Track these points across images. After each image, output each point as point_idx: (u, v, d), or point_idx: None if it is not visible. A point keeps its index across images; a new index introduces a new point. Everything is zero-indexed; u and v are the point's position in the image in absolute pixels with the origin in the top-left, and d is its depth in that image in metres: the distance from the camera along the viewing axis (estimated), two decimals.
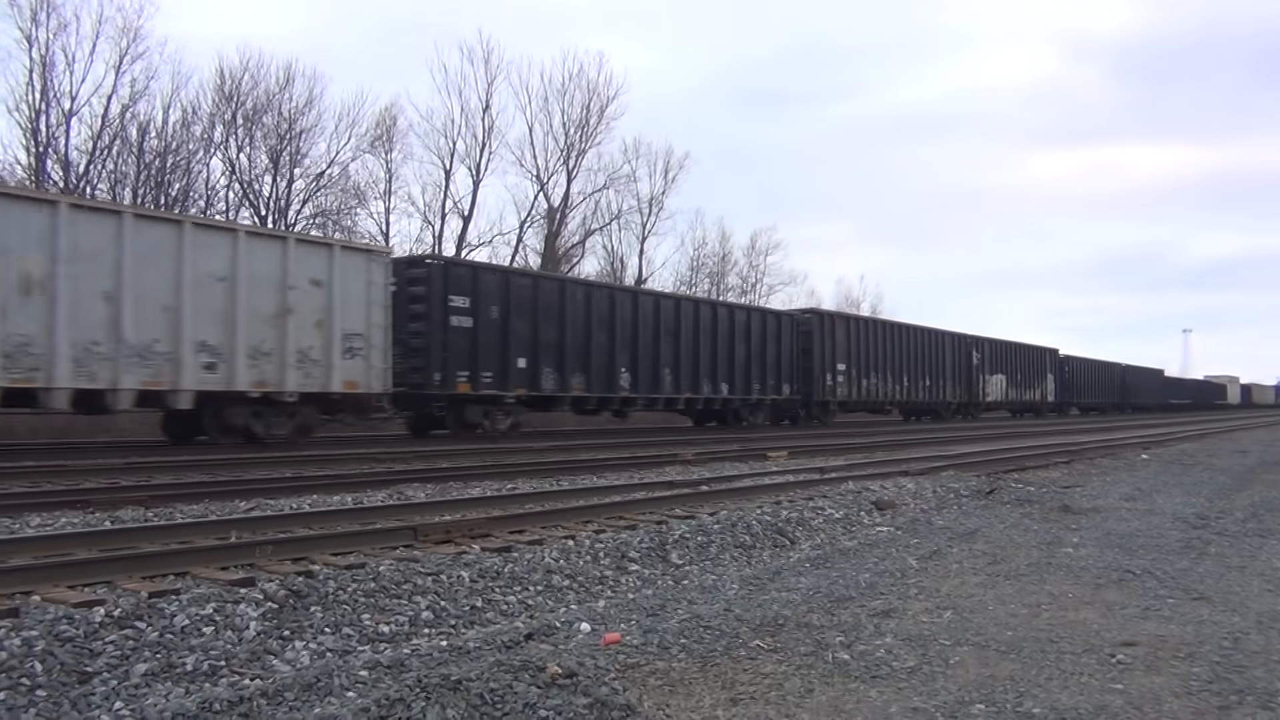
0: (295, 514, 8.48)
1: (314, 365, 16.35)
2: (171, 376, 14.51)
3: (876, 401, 33.74)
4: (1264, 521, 10.03)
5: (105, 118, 31.94)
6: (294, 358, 16.02)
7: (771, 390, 28.48)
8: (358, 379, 17.06)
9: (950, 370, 38.29)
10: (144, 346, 14.22)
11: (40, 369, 13.11)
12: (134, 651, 4.55)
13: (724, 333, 26.49)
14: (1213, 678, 4.53)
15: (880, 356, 33.41)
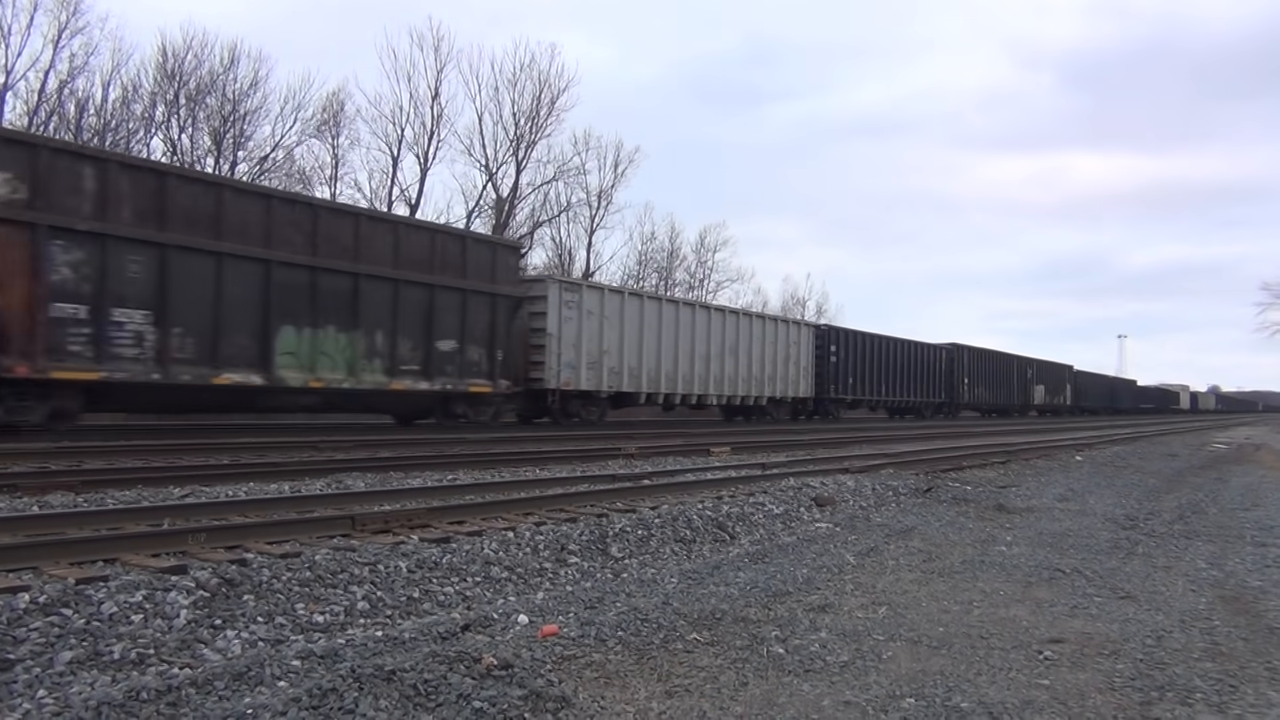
0: (231, 501, 8.36)
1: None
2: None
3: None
4: (1190, 523, 10.31)
5: (42, 93, 31.26)
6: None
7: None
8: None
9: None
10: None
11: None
12: (59, 639, 4.45)
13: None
14: (1136, 674, 4.65)
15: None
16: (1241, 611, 6.17)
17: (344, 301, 17.76)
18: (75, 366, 13.99)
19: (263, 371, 16.46)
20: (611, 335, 24.27)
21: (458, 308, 19.97)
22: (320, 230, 17.34)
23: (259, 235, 16.31)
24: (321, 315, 17.34)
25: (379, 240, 18.48)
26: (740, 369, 29.69)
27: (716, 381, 28.54)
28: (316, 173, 38.83)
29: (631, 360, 24.99)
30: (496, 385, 20.88)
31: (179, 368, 15.18)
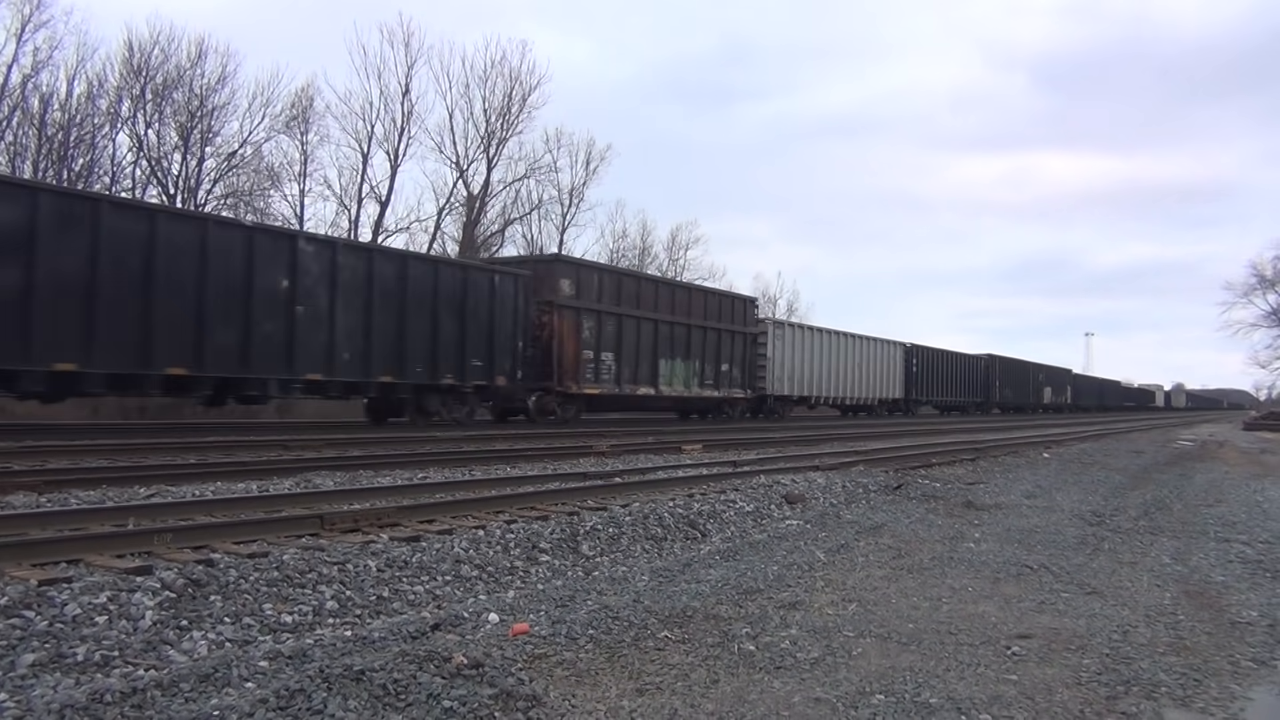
0: (197, 501, 8.27)
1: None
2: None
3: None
4: (1155, 520, 10.44)
5: (4, 87, 30.76)
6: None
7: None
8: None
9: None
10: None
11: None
12: (21, 641, 4.38)
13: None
14: (1101, 669, 4.70)
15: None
16: (1205, 606, 6.26)
17: (683, 343, 28.42)
18: (588, 385, 24.62)
19: (653, 386, 27.08)
20: (796, 358, 34.48)
21: (729, 344, 30.49)
22: (676, 299, 28.63)
23: (651, 305, 27.12)
24: (676, 352, 28.12)
25: (695, 303, 29.53)
26: (861, 377, 39.62)
27: (848, 386, 38.52)
28: (285, 169, 38.54)
29: (805, 373, 35.09)
30: (746, 392, 31.43)
31: (626, 385, 26.00)
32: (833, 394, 37.40)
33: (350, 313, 18.47)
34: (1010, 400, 60.54)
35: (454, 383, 20.86)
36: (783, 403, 34.15)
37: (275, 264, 17.19)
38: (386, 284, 19.23)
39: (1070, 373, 78.88)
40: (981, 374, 55.49)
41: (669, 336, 27.57)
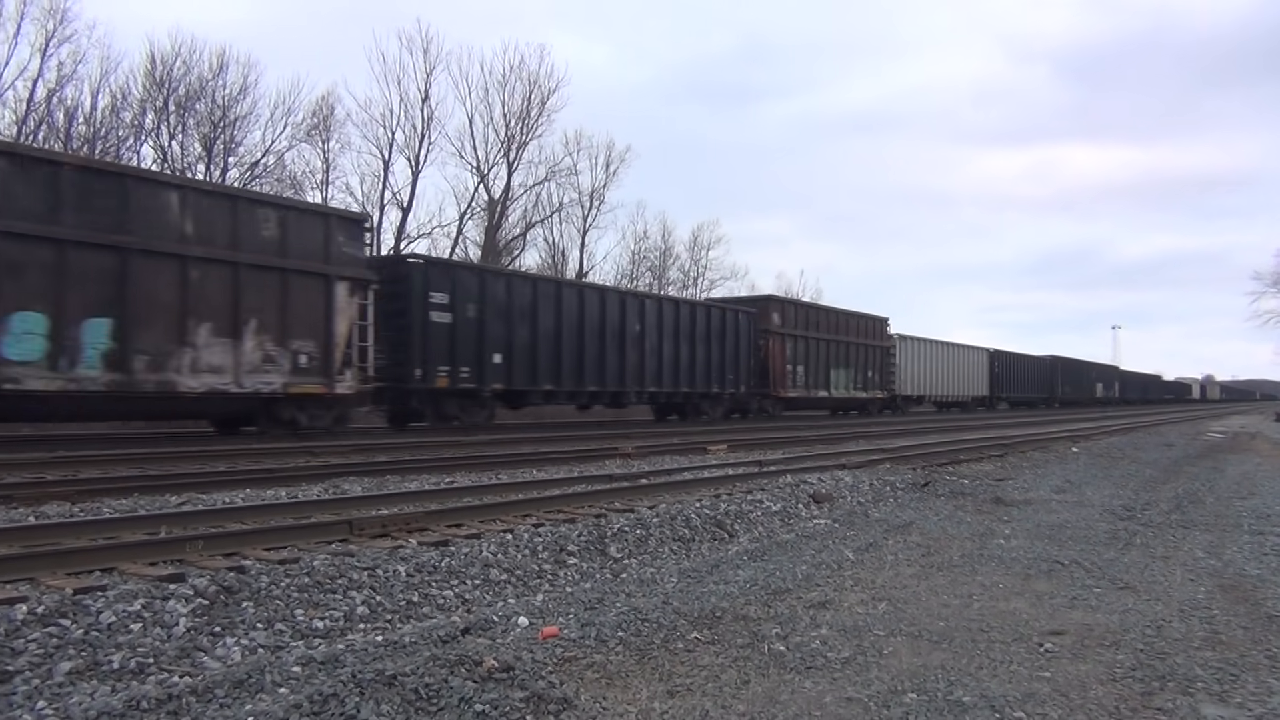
0: (228, 509, 8.33)
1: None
2: None
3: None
4: (1187, 513, 10.33)
5: (30, 102, 31.16)
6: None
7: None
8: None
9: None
10: None
11: None
12: (58, 649, 4.44)
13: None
14: (1136, 665, 4.66)
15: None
16: (1240, 600, 6.18)
17: (843, 355, 36.14)
18: (790, 391, 32.45)
19: (827, 390, 34.91)
20: (914, 364, 42.67)
21: (872, 355, 38.38)
22: (838, 322, 36.27)
23: (823, 328, 35.07)
24: (839, 363, 35.87)
25: (851, 324, 37.02)
26: (958, 378, 47.74)
27: (949, 386, 46.59)
28: (307, 178, 38.79)
29: (920, 377, 43.31)
30: (882, 393, 39.36)
31: (810, 391, 33.69)
32: (939, 393, 45.78)
33: (666, 345, 27.08)
34: (1070, 395, 68.21)
35: (717, 391, 29.47)
36: (906, 400, 42.55)
37: (632, 315, 25.92)
38: (682, 324, 27.80)
39: (1118, 369, 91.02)
40: (1047, 373, 63.92)
41: (835, 352, 35.76)
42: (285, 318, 16.79)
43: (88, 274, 14.07)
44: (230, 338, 15.95)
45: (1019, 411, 51.27)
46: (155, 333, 14.92)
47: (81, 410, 15.20)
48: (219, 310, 15.80)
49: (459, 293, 20.68)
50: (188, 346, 15.35)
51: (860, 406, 38.78)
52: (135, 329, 14.61)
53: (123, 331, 14.45)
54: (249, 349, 16.25)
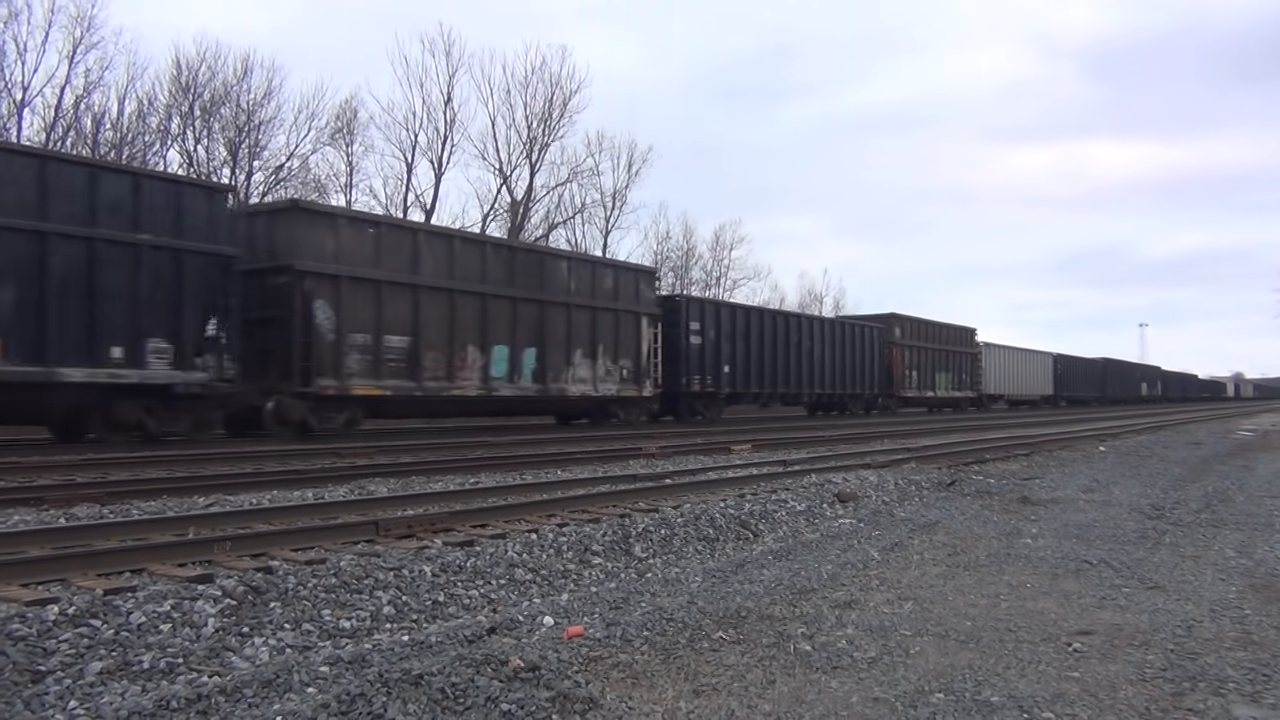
0: (255, 510, 8.40)
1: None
2: None
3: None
4: (1217, 512, 10.22)
5: (58, 109, 31.55)
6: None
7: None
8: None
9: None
10: None
11: None
12: (89, 650, 4.48)
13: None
14: (1167, 665, 4.61)
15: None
16: (1273, 600, 6.11)
17: (945, 360, 43.08)
18: (907, 392, 39.87)
19: (933, 390, 41.01)
20: (996, 367, 49.66)
21: (966, 360, 45.78)
22: (941, 332, 43.51)
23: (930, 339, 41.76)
24: (942, 367, 42.87)
25: (950, 334, 44.35)
26: (1029, 379, 55.01)
27: (1021, 386, 53.75)
28: (331, 181, 39.05)
29: (1000, 378, 50.27)
30: (972, 393, 46.32)
31: (921, 391, 40.11)
32: (1013, 392, 52.74)
33: (825, 356, 34.27)
34: (1118, 393, 74.68)
35: (856, 391, 36.50)
36: (990, 398, 49.24)
37: (805, 334, 33.35)
38: (833, 339, 35.14)
39: (1160, 369, 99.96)
40: (1100, 374, 71.93)
41: (939, 358, 43.13)
42: (617, 344, 24.29)
43: (526, 320, 21.83)
44: (590, 359, 23.57)
45: (1044, 410, 53.26)
46: (556, 357, 22.66)
47: (518, 409, 23.82)
48: (584, 340, 23.42)
49: (706, 321, 28.03)
50: (570, 365, 23.06)
51: (955, 404, 45.65)
52: (547, 354, 22.36)
53: (542, 356, 22.22)
54: (600, 366, 23.80)
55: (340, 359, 17.98)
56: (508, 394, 21.48)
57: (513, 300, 21.44)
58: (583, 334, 23.33)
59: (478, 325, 20.60)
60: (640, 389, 25.06)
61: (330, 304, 17.78)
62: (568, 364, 22.90)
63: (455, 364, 20.12)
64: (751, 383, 30.24)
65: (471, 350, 20.51)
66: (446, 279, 19.96)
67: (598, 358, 23.70)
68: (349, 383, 18.15)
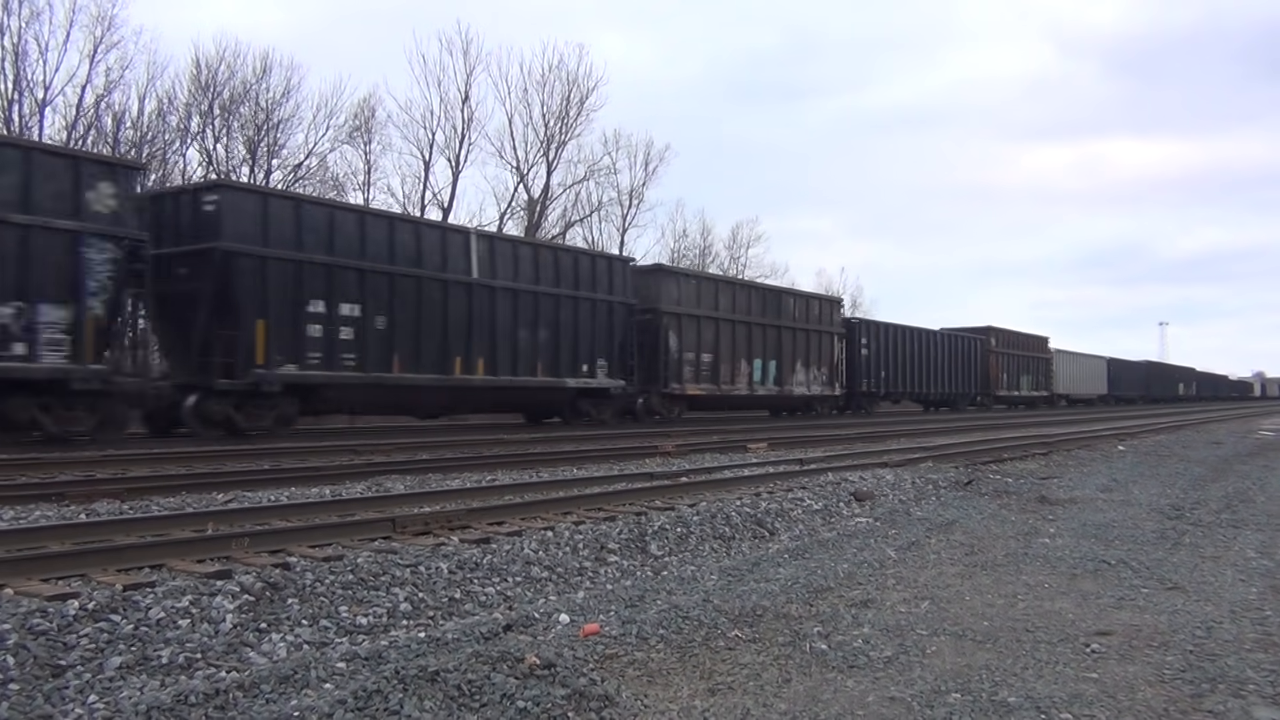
0: (273, 506, 8.44)
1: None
2: None
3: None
4: (1237, 512, 10.14)
5: (79, 107, 31.67)
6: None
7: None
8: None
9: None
10: None
11: None
12: (109, 645, 4.52)
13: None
14: (1186, 666, 4.58)
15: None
16: None
17: (1029, 365, 52.08)
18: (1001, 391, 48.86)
19: (1018, 391, 49.78)
20: (1062, 370, 56.48)
21: (1042, 363, 52.84)
22: (1025, 341, 52.54)
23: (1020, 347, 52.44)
24: (1026, 371, 51.55)
25: (1030, 343, 52.87)
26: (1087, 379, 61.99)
27: (1080, 385, 60.40)
28: (350, 179, 39.15)
29: (1065, 379, 57.33)
30: (1045, 392, 52.34)
31: (1010, 390, 49.82)
32: (1076, 392, 59.24)
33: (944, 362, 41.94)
34: (1159, 393, 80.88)
35: (963, 391, 44.23)
36: (1059, 397, 56.20)
37: (933, 345, 40.88)
38: (948, 348, 42.76)
39: (1194, 370, 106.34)
40: (1143, 375, 78.66)
41: (1023, 363, 51.69)
42: (820, 357, 32.54)
43: (770, 340, 30.07)
44: (805, 367, 31.62)
45: (1066, 410, 54.91)
46: (786, 367, 30.65)
47: (766, 405, 32.09)
48: (802, 354, 31.54)
49: (870, 337, 36.27)
50: (794, 373, 31.09)
51: (1031, 402, 52.43)
52: (782, 365, 30.43)
53: (779, 366, 30.27)
54: (810, 373, 31.90)
55: (681, 369, 25.88)
56: (762, 394, 29.74)
57: (763, 326, 29.63)
58: (801, 350, 31.57)
59: (746, 345, 28.70)
60: (833, 390, 33.70)
61: (677, 333, 25.66)
62: (793, 371, 31.08)
63: (736, 373, 28.18)
64: (896, 385, 38.46)
65: (743, 363, 28.47)
66: (730, 313, 28.03)
67: (809, 367, 32.06)
68: (685, 386, 26.12)
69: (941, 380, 42.05)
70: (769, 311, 30.37)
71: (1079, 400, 60.01)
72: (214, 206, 16.60)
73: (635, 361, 24.20)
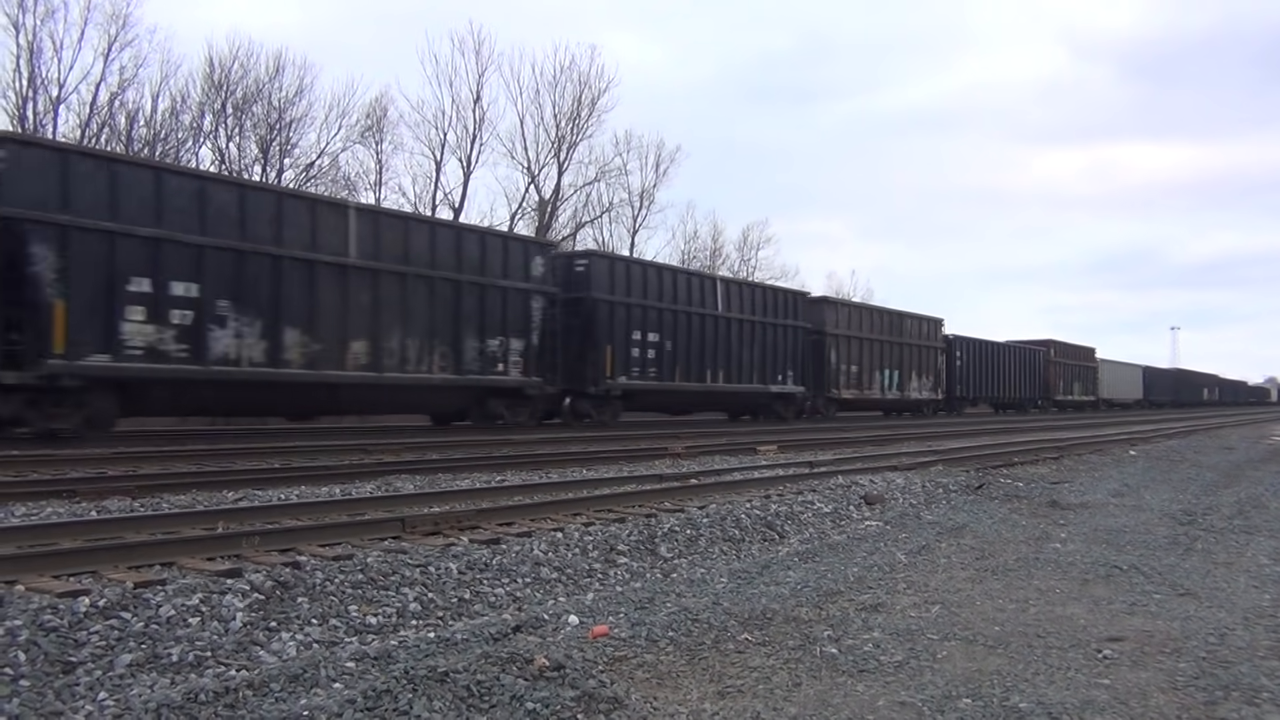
0: (283, 505, 8.45)
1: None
2: None
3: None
4: (1250, 518, 10.08)
5: (93, 105, 31.80)
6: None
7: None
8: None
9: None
10: None
11: None
12: (119, 642, 4.52)
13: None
14: (1199, 673, 4.55)
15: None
16: None
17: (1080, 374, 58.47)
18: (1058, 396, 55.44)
19: (1071, 395, 57.46)
20: (1105, 377, 62.21)
21: (1090, 371, 59.58)
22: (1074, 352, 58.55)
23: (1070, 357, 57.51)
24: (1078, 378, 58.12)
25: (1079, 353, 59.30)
26: (1127, 386, 67.85)
27: (1120, 391, 65.95)
28: (361, 179, 39.23)
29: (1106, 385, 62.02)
30: (1091, 397, 58.53)
31: (1064, 395, 56.51)
32: (1115, 396, 64.23)
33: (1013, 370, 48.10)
34: (1187, 398, 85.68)
35: (1029, 396, 50.24)
36: (1104, 402, 61.47)
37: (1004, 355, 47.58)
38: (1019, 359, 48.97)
39: (1217, 377, 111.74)
40: (1172, 381, 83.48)
41: (1074, 371, 56.93)
42: (927, 366, 38.80)
43: (896, 354, 36.44)
44: (918, 376, 37.88)
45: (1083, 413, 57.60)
46: (905, 375, 36.81)
47: (892, 408, 37.65)
48: (914, 364, 37.67)
49: (963, 350, 42.89)
50: (909, 380, 37.07)
51: (1080, 406, 57.62)
52: (902, 374, 36.57)
53: (900, 375, 36.40)
54: (920, 380, 37.99)
55: (838, 378, 32.56)
56: (890, 397, 36.17)
57: (889, 343, 35.89)
58: (915, 361, 37.76)
59: (878, 358, 35.12)
60: (936, 395, 40.10)
61: (835, 350, 32.52)
62: (909, 379, 37.32)
63: (873, 380, 34.74)
64: (979, 390, 45.27)
65: (876, 373, 34.93)
66: (869, 333, 34.79)
67: (920, 376, 38.38)
68: (842, 392, 32.75)
69: (1012, 386, 48.72)
70: (893, 330, 36.74)
71: (1118, 404, 65.14)
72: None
73: (810, 372, 30.90)
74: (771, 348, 29.17)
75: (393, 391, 18.90)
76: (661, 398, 26.02)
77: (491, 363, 20.20)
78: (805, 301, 31.95)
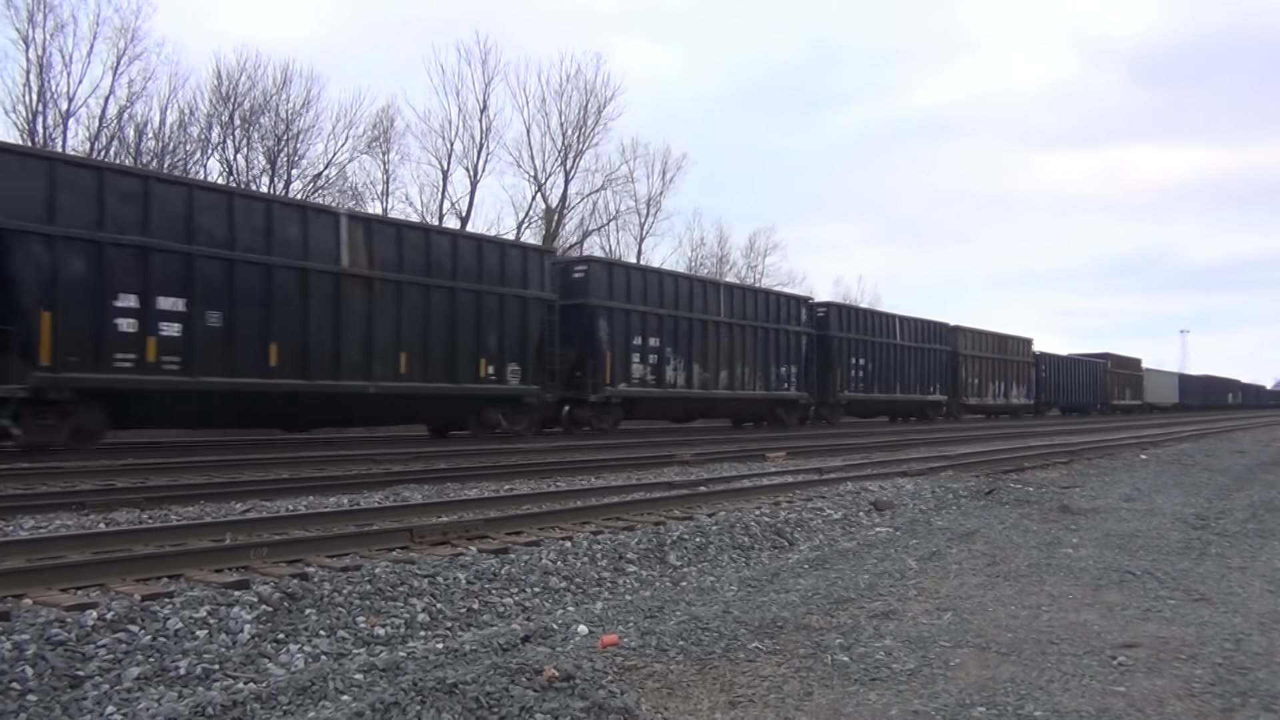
0: (291, 516, 8.44)
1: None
2: None
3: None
4: (1264, 522, 10.00)
5: (103, 119, 31.96)
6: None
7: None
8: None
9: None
10: None
11: None
12: (126, 655, 4.51)
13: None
14: (1215, 679, 4.50)
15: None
16: None
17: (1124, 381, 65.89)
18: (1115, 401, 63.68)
19: (1123, 400, 65.22)
20: (1148, 384, 68.30)
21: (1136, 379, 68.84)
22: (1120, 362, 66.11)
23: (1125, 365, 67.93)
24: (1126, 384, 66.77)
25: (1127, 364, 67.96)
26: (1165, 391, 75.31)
27: (1158, 395, 72.28)
28: (369, 189, 39.33)
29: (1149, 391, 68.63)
30: (1138, 401, 65.31)
31: (1118, 401, 64.45)
32: (1156, 401, 70.96)
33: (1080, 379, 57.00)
34: (1214, 402, 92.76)
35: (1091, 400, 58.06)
36: (1149, 405, 68.27)
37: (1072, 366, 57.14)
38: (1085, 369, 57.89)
39: (1240, 382, 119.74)
40: (1202, 386, 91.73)
41: (1124, 379, 63.72)
42: (1023, 377, 47.11)
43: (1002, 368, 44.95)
44: (1017, 385, 46.65)
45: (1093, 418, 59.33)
46: (1007, 384, 45.37)
47: (999, 410, 45.57)
48: (1014, 375, 45.91)
49: (1046, 364, 50.80)
50: (1010, 390, 45.96)
51: (1129, 410, 64.07)
52: (1007, 384, 45.37)
53: (1005, 385, 44.87)
54: (1018, 389, 46.07)
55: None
56: (999, 403, 44.30)
57: (1000, 360, 43.45)
58: (1014, 373, 45.48)
59: (991, 371, 42.91)
60: (1030, 401, 47.43)
61: (965, 367, 38.85)
62: (1012, 388, 45.51)
63: (987, 389, 42.08)
64: (1055, 397, 52.79)
65: (990, 383, 42.40)
66: (987, 351, 42.60)
67: (1019, 385, 46.46)
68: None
69: (1079, 392, 56.61)
70: (1000, 349, 44.81)
71: (1159, 407, 72.19)
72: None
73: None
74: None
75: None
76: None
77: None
78: (944, 330, 39.88)
